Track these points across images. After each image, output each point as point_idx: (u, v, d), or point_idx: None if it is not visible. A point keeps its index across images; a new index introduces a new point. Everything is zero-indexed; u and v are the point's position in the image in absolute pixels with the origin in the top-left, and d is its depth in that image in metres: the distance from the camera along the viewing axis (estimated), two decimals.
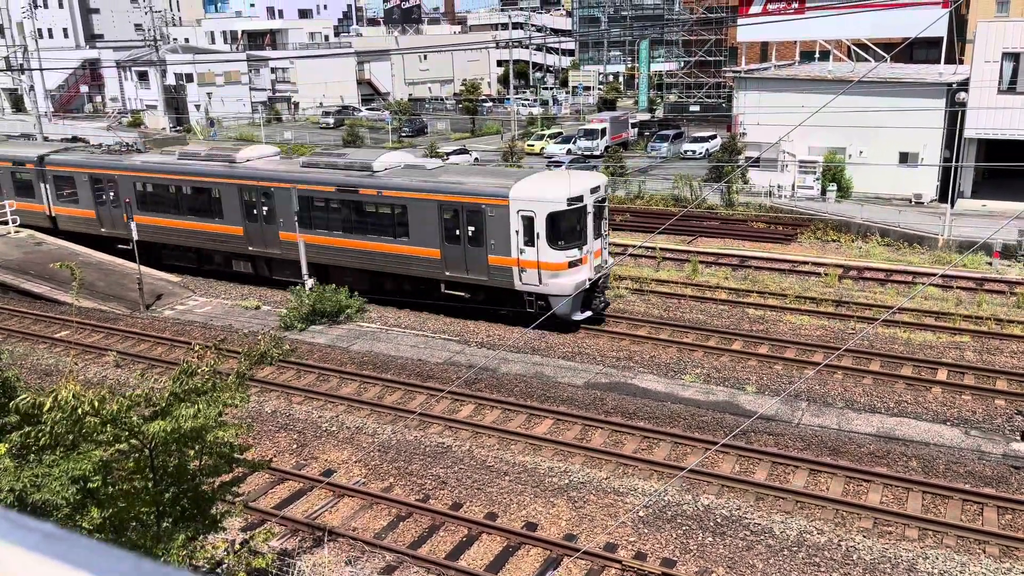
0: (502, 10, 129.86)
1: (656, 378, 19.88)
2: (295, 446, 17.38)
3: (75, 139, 36.62)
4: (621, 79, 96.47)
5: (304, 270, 25.34)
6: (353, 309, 24.81)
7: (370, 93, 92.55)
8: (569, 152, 55.42)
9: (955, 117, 36.35)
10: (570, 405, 18.49)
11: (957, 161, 35.72)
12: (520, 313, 22.76)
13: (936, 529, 13.49)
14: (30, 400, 7.82)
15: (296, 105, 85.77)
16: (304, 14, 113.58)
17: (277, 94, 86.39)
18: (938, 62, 41.09)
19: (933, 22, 36.57)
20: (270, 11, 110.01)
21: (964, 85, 36.05)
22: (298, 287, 25.37)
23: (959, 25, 53.17)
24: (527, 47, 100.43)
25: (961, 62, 48.21)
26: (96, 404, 7.67)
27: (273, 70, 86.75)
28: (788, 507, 14.35)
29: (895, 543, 13.23)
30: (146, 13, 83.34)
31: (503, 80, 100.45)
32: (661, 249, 30.42)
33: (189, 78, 78.05)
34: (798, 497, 14.54)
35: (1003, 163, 32.60)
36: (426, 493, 15.30)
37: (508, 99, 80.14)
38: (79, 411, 7.55)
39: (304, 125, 76.40)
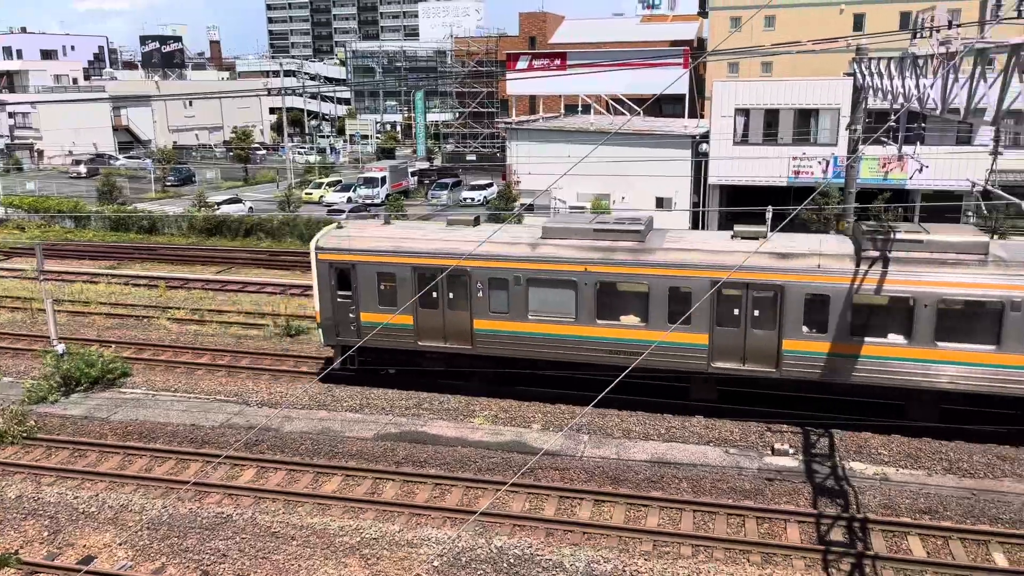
0: (272, 57, 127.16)
1: (446, 423, 19.92)
2: (47, 533, 15.36)
3: None
4: (399, 128, 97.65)
5: (53, 333, 22.75)
6: (115, 375, 22.62)
7: (129, 140, 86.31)
8: (349, 200, 54.94)
9: (700, 166, 40.47)
10: (360, 459, 17.99)
11: (703, 205, 39.71)
12: None
13: (707, 544, 14.54)
14: None
15: (40, 153, 77.91)
16: (48, 55, 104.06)
17: (16, 141, 77.97)
18: (683, 116, 45.74)
19: (673, 81, 40.78)
20: (7, 51, 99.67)
21: (705, 137, 40.32)
22: (47, 352, 22.73)
23: (699, 84, 59.60)
24: (301, 95, 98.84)
25: (702, 116, 53.92)
26: None
27: (11, 115, 78.29)
28: (576, 539, 14.83)
29: (672, 562, 14.09)
30: None
31: (277, 127, 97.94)
32: None
33: None
34: (585, 528, 15.09)
35: (741, 207, 36.65)
36: (204, 570, 14.09)
37: (283, 147, 78.12)
38: None
39: (51, 175, 69.46)
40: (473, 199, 55.66)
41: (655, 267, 18.91)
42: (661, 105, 62.45)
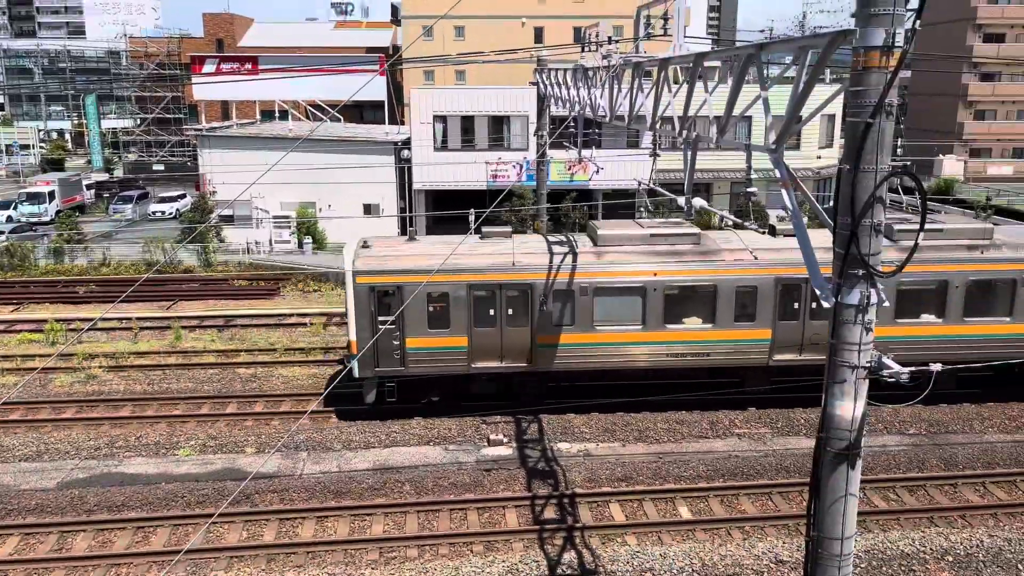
0: None
1: (146, 460, 18.13)
2: None
3: None
4: (68, 136, 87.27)
5: None
6: None
7: None
8: (10, 219, 47.96)
9: (404, 171, 41.08)
10: (41, 513, 15.75)
11: (410, 211, 40.39)
12: None
13: (432, 543, 14.78)
14: None
15: None
16: None
17: None
18: (385, 123, 46.14)
19: (366, 83, 41.07)
20: None
21: (407, 143, 41.00)
22: None
23: (398, 91, 60.47)
24: None
25: (403, 123, 54.78)
26: None
27: None
28: (300, 561, 14.28)
29: (399, 566, 14.12)
30: None
31: None
32: (138, 319, 28.04)
33: None
34: (308, 548, 14.58)
35: (445, 211, 37.84)
36: None
37: None
38: None
39: None
40: (163, 212, 51.47)
41: (723, 268, 19.55)
42: (363, 112, 62.45)
